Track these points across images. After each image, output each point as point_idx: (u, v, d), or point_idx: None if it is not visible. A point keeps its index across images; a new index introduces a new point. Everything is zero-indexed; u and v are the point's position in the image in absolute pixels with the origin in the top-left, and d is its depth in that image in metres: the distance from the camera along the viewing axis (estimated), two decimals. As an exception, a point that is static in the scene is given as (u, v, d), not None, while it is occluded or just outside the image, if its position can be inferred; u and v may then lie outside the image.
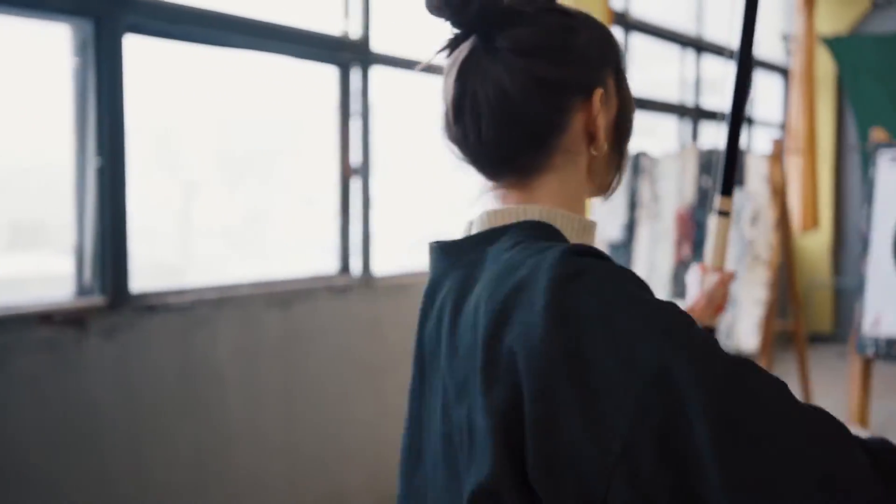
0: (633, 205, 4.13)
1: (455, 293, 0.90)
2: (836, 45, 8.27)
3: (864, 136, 8.10)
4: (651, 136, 6.76)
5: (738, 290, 3.82)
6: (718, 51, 7.24)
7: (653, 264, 4.04)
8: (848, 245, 8.56)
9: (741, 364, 0.74)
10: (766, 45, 8.19)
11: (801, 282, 7.70)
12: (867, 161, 8.30)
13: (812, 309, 8.25)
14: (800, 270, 7.97)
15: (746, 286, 3.81)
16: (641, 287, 0.78)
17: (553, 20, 0.91)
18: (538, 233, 0.87)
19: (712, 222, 1.95)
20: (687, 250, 3.96)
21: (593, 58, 0.93)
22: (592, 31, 0.94)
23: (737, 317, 3.80)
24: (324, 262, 3.98)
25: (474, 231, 0.95)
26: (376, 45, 4.00)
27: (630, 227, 4.12)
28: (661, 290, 3.98)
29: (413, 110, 5.16)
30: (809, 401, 4.56)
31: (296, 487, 3.59)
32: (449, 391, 0.86)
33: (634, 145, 5.63)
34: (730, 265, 3.86)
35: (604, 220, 4.19)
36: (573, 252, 0.79)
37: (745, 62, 1.88)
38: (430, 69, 1.03)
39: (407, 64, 4.27)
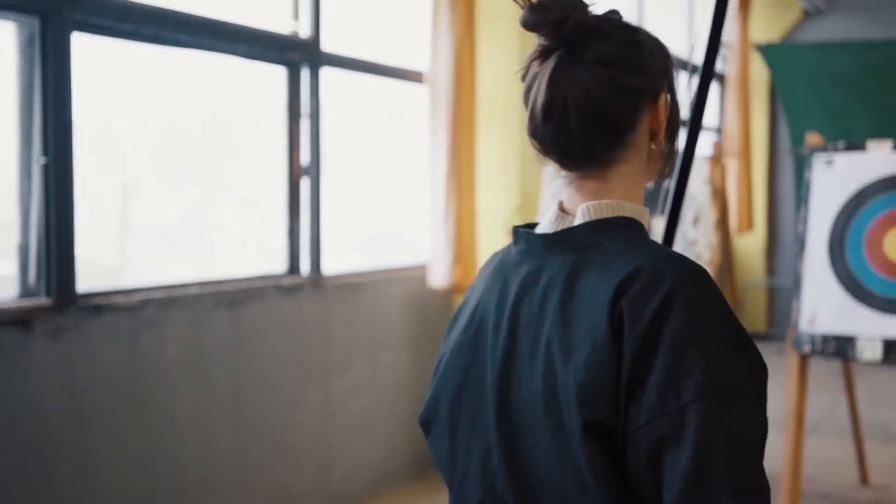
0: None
1: (565, 277, 1.04)
2: (769, 52, 8.51)
3: (797, 140, 8.35)
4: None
5: (681, 289, 3.91)
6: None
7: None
8: (781, 246, 8.81)
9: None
10: (701, 53, 8.37)
11: (737, 281, 7.89)
12: (801, 165, 8.56)
13: (747, 308, 8.47)
14: (736, 270, 8.16)
15: (689, 285, 3.90)
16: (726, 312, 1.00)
17: (625, 36, 1.09)
18: (636, 231, 1.08)
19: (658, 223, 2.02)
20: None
21: (658, 68, 1.10)
22: (652, 43, 1.11)
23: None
24: (272, 263, 3.96)
25: (577, 221, 1.10)
26: (327, 46, 3.99)
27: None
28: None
29: (362, 111, 5.17)
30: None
31: (244, 489, 3.57)
32: (556, 355, 1.00)
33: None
34: (673, 265, 3.95)
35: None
36: (689, 266, 1.00)
37: (707, 74, 2.12)
38: (378, 70, 1.07)
39: (358, 65, 4.28)
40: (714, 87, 8.83)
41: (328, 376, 3.96)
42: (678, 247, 3.96)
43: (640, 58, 1.09)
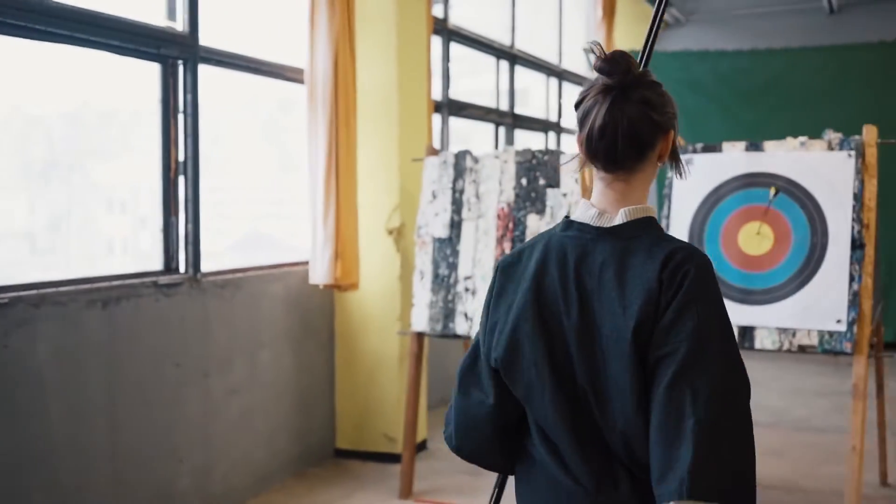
0: (457, 203, 4.31)
1: (617, 257, 1.53)
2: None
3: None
4: (468, 142, 7.02)
5: (555, 283, 4.07)
6: (531, 63, 7.63)
7: (476, 260, 4.22)
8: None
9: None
10: (571, 58, 8.69)
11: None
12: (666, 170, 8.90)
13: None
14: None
15: (562, 279, 4.07)
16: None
17: (656, 88, 1.56)
18: (657, 226, 1.58)
19: None
20: (508, 246, 4.18)
21: (671, 112, 1.58)
22: (669, 96, 1.59)
23: (554, 308, 4.05)
24: (149, 260, 3.89)
25: (618, 221, 1.56)
26: (205, 41, 3.95)
27: (455, 225, 4.30)
28: (485, 285, 4.17)
29: (240, 108, 5.13)
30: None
31: (121, 492, 3.50)
32: (615, 307, 1.49)
33: (457, 147, 5.77)
34: (547, 260, 4.11)
35: (430, 219, 4.35)
36: (699, 253, 1.52)
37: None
38: (257, 67, 1.13)
39: (236, 60, 4.25)
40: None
41: (208, 375, 3.92)
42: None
43: (664, 104, 1.57)
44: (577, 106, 1.60)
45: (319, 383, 4.73)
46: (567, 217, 1.63)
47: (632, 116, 1.53)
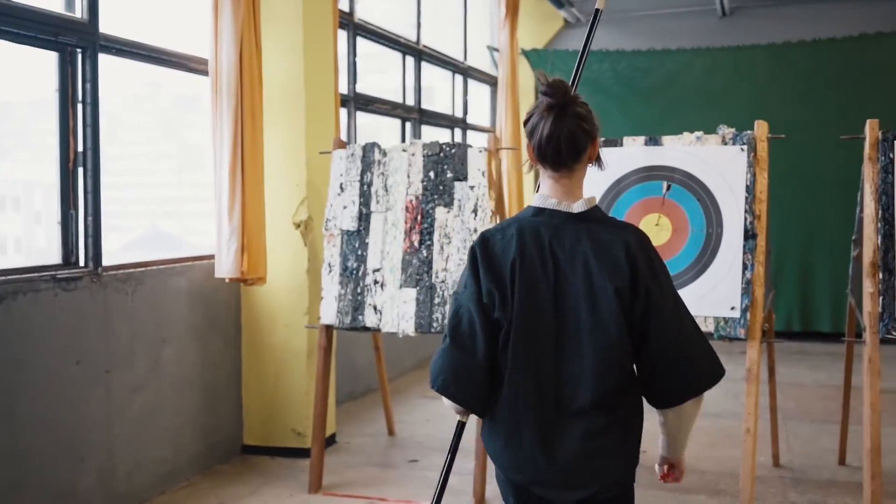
0: (366, 196, 4.32)
1: (589, 236, 1.97)
2: (534, 57, 9.07)
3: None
4: (375, 137, 7.02)
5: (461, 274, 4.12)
6: (436, 59, 7.68)
7: (385, 252, 4.24)
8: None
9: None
10: (476, 57, 8.78)
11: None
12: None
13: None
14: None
15: (469, 271, 4.12)
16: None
17: (585, 106, 2.00)
18: (604, 215, 2.05)
19: None
20: (416, 239, 4.21)
21: (596, 124, 2.01)
22: (593, 111, 2.01)
23: (462, 299, 4.10)
24: (46, 256, 3.77)
25: (577, 209, 2.00)
26: (105, 28, 3.85)
27: (363, 218, 4.30)
28: (394, 277, 4.20)
29: (139, 101, 5.01)
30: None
31: (21, 494, 3.38)
32: (595, 275, 1.93)
33: (364, 141, 5.77)
34: (454, 253, 4.16)
35: (339, 212, 4.34)
36: (640, 230, 2.02)
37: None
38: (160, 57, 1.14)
39: (138, 49, 4.15)
40: (486, 90, 9.27)
41: (110, 371, 3.83)
42: (460, 236, 4.18)
43: (591, 117, 2.01)
44: (525, 122, 2.04)
45: (225, 379, 4.67)
46: (532, 206, 2.05)
47: (570, 128, 1.97)
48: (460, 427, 2.48)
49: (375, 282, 4.25)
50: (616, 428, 1.94)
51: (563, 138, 1.95)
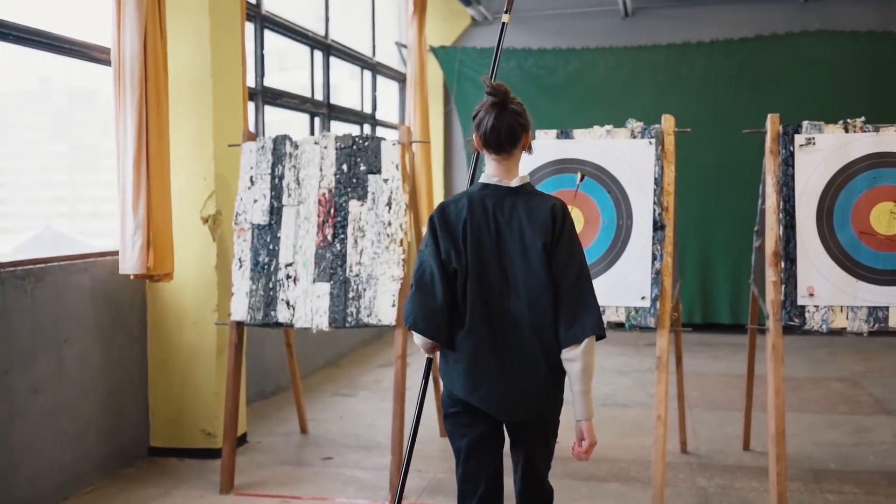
0: (277, 190, 4.24)
1: (523, 204, 2.48)
2: (442, 54, 9.10)
3: (466, 134, 9.00)
4: (284, 132, 6.90)
5: (376, 268, 4.09)
6: (345, 54, 7.61)
7: (298, 246, 4.17)
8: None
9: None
10: (385, 53, 8.75)
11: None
12: (471, 159, 9.16)
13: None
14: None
15: (384, 265, 4.09)
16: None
17: (520, 104, 2.52)
18: (534, 189, 2.57)
19: None
20: (330, 232, 4.16)
21: (528, 119, 2.54)
22: (525, 109, 2.54)
23: (376, 293, 4.07)
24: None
25: (514, 184, 2.52)
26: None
27: (275, 212, 4.22)
28: (307, 271, 4.14)
29: (39, 89, 4.81)
30: (438, 371, 5.00)
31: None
32: (527, 232, 2.44)
33: (274, 132, 5.64)
34: (368, 246, 4.12)
35: (249, 205, 4.25)
36: (563, 204, 2.52)
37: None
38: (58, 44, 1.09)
39: (33, 35, 3.97)
40: (395, 86, 9.24)
41: (8, 373, 3.65)
42: (374, 230, 4.15)
43: (525, 113, 2.54)
44: (474, 117, 2.55)
45: (131, 379, 4.51)
46: (480, 182, 2.55)
47: (509, 121, 2.49)
48: (428, 364, 3.13)
49: (288, 276, 4.17)
50: (548, 352, 2.45)
51: (503, 129, 2.48)
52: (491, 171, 2.54)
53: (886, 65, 8.11)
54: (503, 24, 3.74)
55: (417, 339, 2.52)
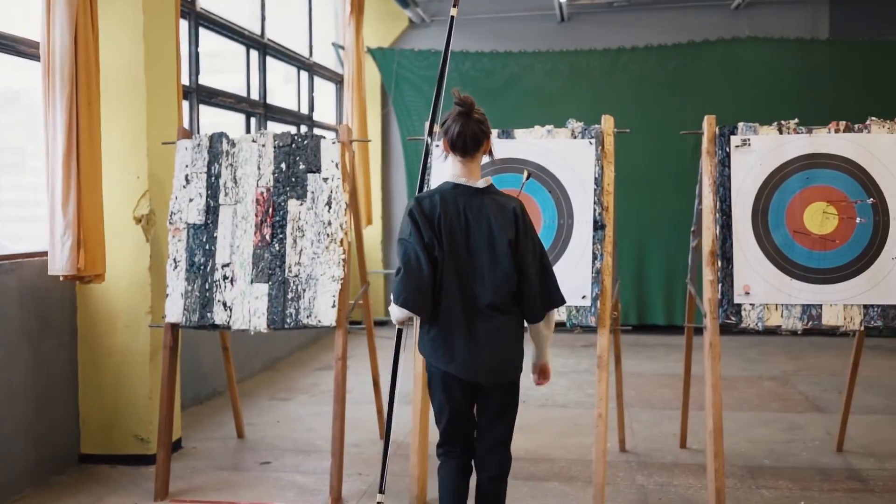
0: (213, 188, 4.15)
1: (489, 203, 2.88)
2: (380, 56, 9.05)
3: (406, 135, 8.97)
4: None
5: (316, 268, 4.03)
6: (282, 54, 7.51)
7: (235, 247, 4.09)
8: (395, 239, 9.39)
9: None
10: (322, 54, 8.67)
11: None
12: (410, 155, 9.17)
13: (371, 295, 8.88)
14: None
15: (324, 265, 4.04)
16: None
17: (483, 114, 2.92)
18: (497, 190, 2.98)
19: None
20: (268, 232, 4.08)
21: (489, 126, 2.94)
22: (486, 117, 2.93)
23: (316, 294, 4.01)
24: None
25: (480, 185, 2.91)
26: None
27: (211, 211, 4.13)
28: (245, 272, 4.05)
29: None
30: (378, 372, 4.95)
31: None
32: (495, 229, 2.85)
33: (210, 132, 5.50)
34: (307, 246, 4.06)
35: (184, 205, 4.15)
36: (521, 205, 2.94)
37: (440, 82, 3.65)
38: None
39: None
40: (331, 87, 9.16)
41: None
42: (314, 229, 4.09)
43: (486, 122, 2.93)
44: (442, 123, 2.95)
45: (60, 384, 4.37)
46: (449, 182, 2.92)
47: (473, 128, 2.89)
48: (399, 333, 3.45)
49: (225, 277, 4.09)
50: (509, 329, 2.90)
51: (468, 135, 2.88)
52: (457, 172, 2.92)
53: (814, 70, 8.34)
54: (451, 17, 3.74)
55: (397, 312, 2.88)
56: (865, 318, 3.73)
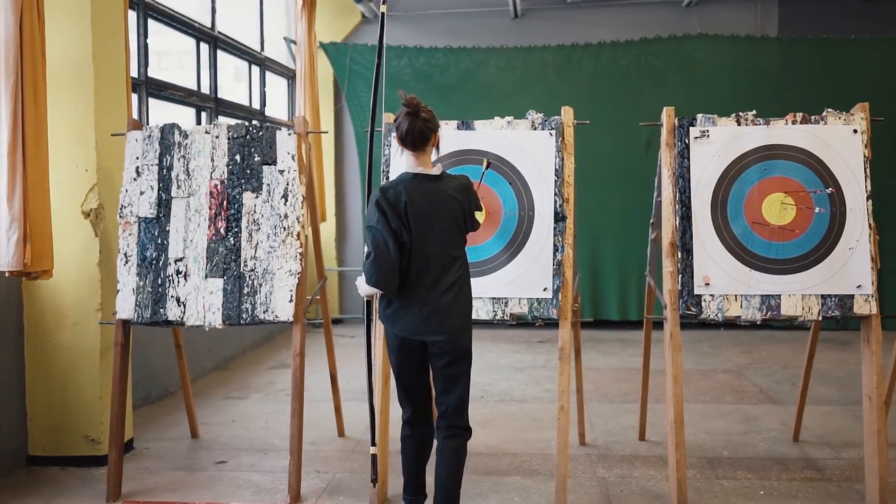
0: (165, 181, 4.04)
1: (445, 187, 3.26)
2: (332, 50, 8.95)
3: (359, 130, 8.89)
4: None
5: (272, 262, 3.95)
6: (233, 48, 7.38)
7: (188, 241, 3.99)
8: (350, 236, 9.31)
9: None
10: (273, 48, 8.54)
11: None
12: (364, 156, 9.09)
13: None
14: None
15: (280, 259, 3.95)
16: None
17: (430, 111, 3.27)
18: (448, 174, 3.38)
19: None
20: (223, 226, 3.98)
21: (436, 123, 3.28)
22: (434, 114, 3.28)
23: (273, 289, 3.93)
24: None
25: (435, 173, 3.28)
26: None
27: (163, 204, 4.02)
28: (199, 267, 3.95)
29: None
30: (336, 369, 4.88)
31: None
32: (454, 208, 3.27)
33: (162, 120, 5.36)
34: (263, 240, 3.97)
35: (135, 198, 4.04)
36: (468, 181, 3.40)
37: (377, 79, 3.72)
38: None
39: None
40: (283, 82, 9.04)
41: None
42: (270, 223, 4.00)
43: (433, 119, 3.25)
44: (394, 121, 3.26)
45: (6, 383, 4.21)
46: (407, 173, 3.25)
47: (420, 126, 3.19)
48: (368, 303, 3.57)
49: (178, 272, 3.98)
50: (461, 293, 3.27)
51: (416, 132, 3.20)
52: (412, 164, 3.27)
53: (765, 67, 8.45)
54: (382, 14, 3.73)
55: (367, 289, 3.25)
56: (823, 309, 3.76)
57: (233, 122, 7.43)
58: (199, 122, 6.86)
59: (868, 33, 8.46)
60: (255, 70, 8.15)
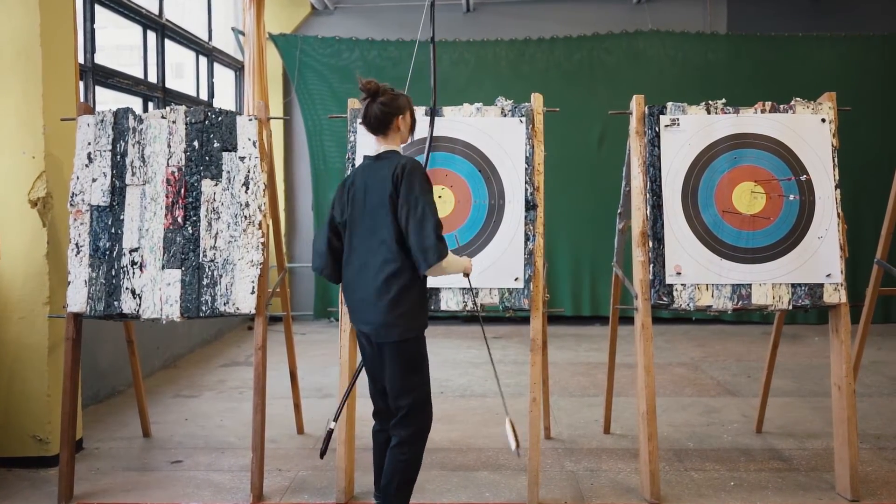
0: (119, 168, 3.86)
1: (383, 167, 3.16)
2: (282, 42, 8.77)
3: (309, 122, 8.72)
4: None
5: (233, 252, 3.80)
6: (181, 37, 7.16)
7: (144, 230, 3.81)
8: (299, 232, 9.13)
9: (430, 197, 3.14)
10: (221, 39, 8.33)
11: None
12: (314, 150, 8.93)
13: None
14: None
15: (241, 249, 3.81)
16: (425, 174, 3.18)
17: (388, 94, 3.22)
18: (400, 155, 3.22)
19: None
20: (180, 214, 3.82)
21: (401, 105, 3.24)
22: (399, 96, 3.24)
23: (234, 280, 3.78)
24: None
25: (380, 152, 3.22)
26: None
27: (117, 192, 3.84)
28: (155, 257, 3.78)
29: None
30: (295, 365, 4.74)
31: None
32: (384, 190, 3.11)
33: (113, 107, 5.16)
34: (223, 229, 3.82)
35: (87, 185, 3.85)
36: (413, 160, 3.18)
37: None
38: None
39: None
40: (230, 74, 8.82)
41: None
42: (230, 211, 3.84)
43: (393, 103, 3.20)
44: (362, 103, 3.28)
45: (-54, 383, 3.99)
46: (367, 156, 3.25)
47: (377, 110, 3.18)
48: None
49: (133, 263, 3.80)
50: (395, 283, 3.08)
51: (373, 116, 3.19)
52: (374, 147, 3.26)
53: (715, 64, 8.53)
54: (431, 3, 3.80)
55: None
56: (793, 298, 3.75)
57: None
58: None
59: (816, 31, 8.60)
60: (203, 60, 7.93)
